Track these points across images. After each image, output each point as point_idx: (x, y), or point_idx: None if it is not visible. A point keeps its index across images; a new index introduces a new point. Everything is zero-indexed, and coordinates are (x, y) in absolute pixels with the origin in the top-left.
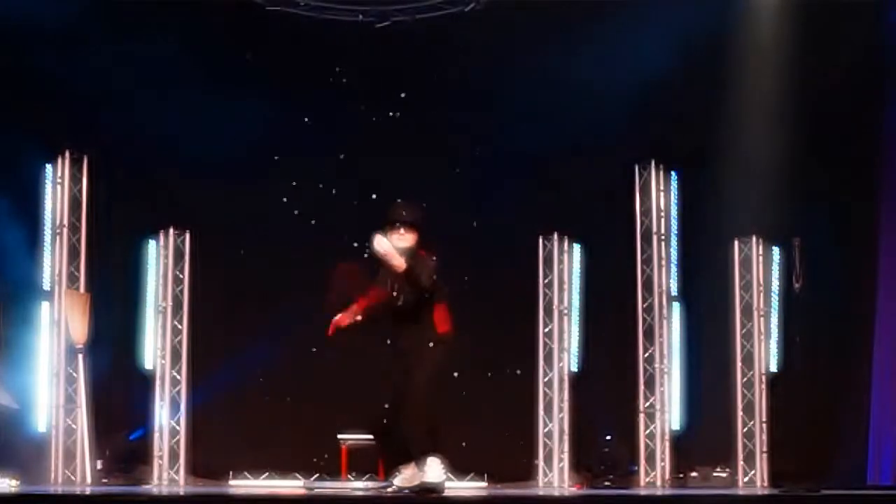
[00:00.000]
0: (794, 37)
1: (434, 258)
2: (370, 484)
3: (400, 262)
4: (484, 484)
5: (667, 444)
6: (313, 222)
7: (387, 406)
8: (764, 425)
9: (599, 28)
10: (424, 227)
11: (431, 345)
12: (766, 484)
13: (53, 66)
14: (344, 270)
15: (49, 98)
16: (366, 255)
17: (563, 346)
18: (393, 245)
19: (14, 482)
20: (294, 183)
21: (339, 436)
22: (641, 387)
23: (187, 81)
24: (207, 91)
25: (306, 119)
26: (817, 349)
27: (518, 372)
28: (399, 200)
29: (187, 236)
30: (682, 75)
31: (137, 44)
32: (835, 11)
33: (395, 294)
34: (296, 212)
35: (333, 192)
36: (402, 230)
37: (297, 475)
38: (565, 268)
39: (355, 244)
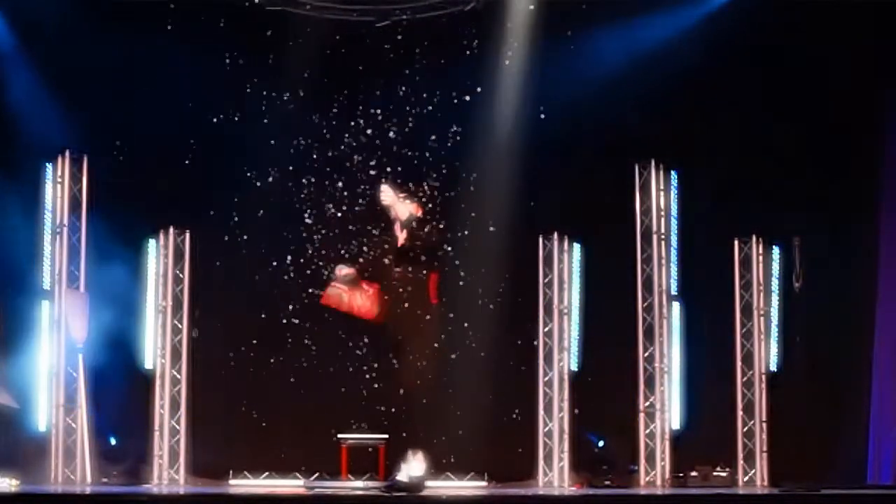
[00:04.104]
0: (794, 36)
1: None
2: (370, 484)
3: (403, 210)
4: (484, 484)
5: (667, 443)
6: (313, 221)
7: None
8: (764, 425)
9: (599, 28)
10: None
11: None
12: (766, 483)
13: (53, 66)
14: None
15: (49, 98)
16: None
17: (563, 345)
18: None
19: (14, 482)
20: (294, 182)
21: (339, 436)
22: (641, 386)
23: (187, 81)
24: (207, 91)
25: (306, 117)
26: (817, 349)
27: (517, 371)
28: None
29: (187, 236)
30: (682, 75)
31: (137, 43)
32: (837, 10)
33: (398, 240)
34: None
35: (333, 191)
36: (406, 198)
37: (297, 475)
38: (565, 267)
39: (353, 244)
